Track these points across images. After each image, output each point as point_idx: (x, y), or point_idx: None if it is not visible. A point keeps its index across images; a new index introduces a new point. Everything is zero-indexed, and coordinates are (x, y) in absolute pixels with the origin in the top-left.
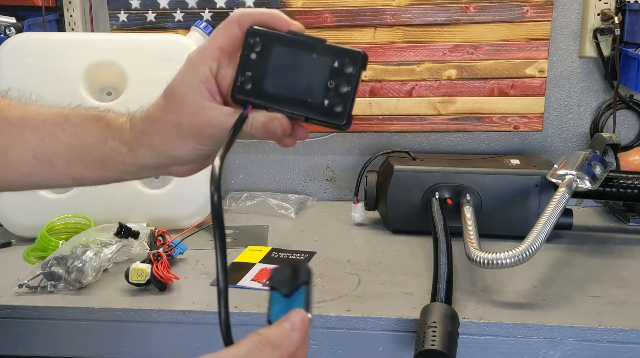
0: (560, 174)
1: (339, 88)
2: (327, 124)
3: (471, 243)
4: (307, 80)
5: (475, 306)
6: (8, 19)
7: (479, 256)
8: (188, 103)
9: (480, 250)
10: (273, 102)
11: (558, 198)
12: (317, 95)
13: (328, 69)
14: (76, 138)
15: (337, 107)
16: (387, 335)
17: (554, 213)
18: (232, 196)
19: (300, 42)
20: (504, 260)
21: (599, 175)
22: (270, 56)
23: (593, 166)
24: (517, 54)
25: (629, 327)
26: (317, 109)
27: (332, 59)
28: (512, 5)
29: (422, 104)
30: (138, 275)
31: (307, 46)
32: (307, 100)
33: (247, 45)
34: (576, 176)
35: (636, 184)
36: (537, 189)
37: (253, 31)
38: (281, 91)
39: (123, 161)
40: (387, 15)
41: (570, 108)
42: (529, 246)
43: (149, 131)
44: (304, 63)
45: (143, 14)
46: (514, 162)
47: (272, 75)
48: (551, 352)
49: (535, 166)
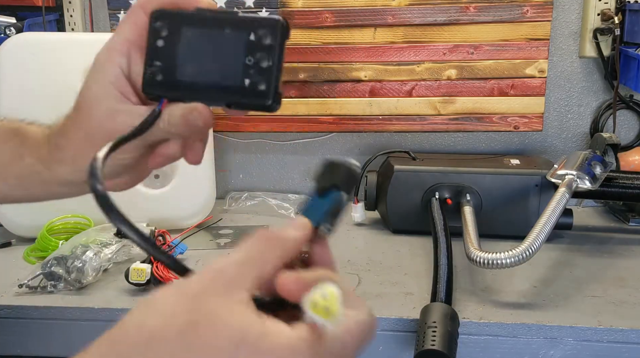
0: (560, 174)
1: (259, 64)
2: (253, 107)
3: (471, 243)
4: (223, 60)
5: (475, 307)
6: (8, 19)
7: (479, 256)
8: (97, 110)
9: (480, 250)
10: (189, 92)
11: (558, 198)
12: (236, 75)
13: (243, 43)
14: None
15: (260, 86)
16: (387, 335)
17: (554, 213)
18: (232, 196)
19: (209, 19)
20: (504, 260)
21: (599, 175)
22: (179, 40)
23: (593, 166)
24: (517, 54)
25: (629, 327)
26: (238, 91)
27: (247, 31)
28: (512, 5)
29: (422, 104)
30: (138, 275)
31: (218, 22)
32: (226, 83)
33: (152, 30)
34: (576, 176)
35: (636, 184)
36: (537, 189)
37: (157, 14)
38: (196, 77)
39: (41, 179)
40: (387, 15)
41: (570, 108)
42: (529, 246)
43: (62, 144)
44: (217, 42)
45: None
46: (514, 162)
47: (183, 61)
48: (551, 352)
49: (535, 166)
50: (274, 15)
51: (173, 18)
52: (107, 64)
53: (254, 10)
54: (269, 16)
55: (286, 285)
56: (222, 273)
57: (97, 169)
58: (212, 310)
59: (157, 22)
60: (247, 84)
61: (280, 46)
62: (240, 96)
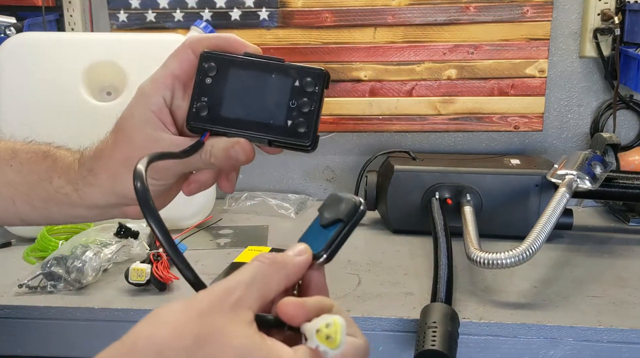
0: (561, 174)
1: (301, 108)
2: (292, 146)
3: (471, 243)
4: (268, 101)
5: (475, 306)
6: (8, 19)
7: (479, 256)
8: (138, 136)
9: (480, 250)
10: (233, 128)
11: (558, 198)
12: (279, 116)
13: (289, 88)
14: (21, 175)
15: (300, 128)
16: (387, 335)
17: (554, 213)
18: (232, 196)
19: (257, 63)
20: (504, 260)
21: (599, 175)
22: (226, 80)
23: (593, 166)
24: (517, 54)
25: (629, 327)
26: (280, 130)
27: (293, 78)
28: (512, 5)
29: (422, 104)
30: (138, 275)
31: (265, 67)
32: (269, 122)
33: (202, 70)
34: (576, 176)
35: (636, 184)
36: (537, 189)
37: (207, 55)
38: (241, 114)
39: (69, 202)
40: (387, 15)
41: (570, 108)
42: (529, 246)
43: (97, 169)
44: (263, 84)
45: (143, 14)
46: (514, 162)
47: (230, 99)
48: (551, 352)
49: (535, 166)
50: (318, 67)
51: (222, 60)
52: (151, 94)
53: (253, 10)
54: (314, 67)
55: (287, 308)
56: (229, 292)
57: (143, 171)
58: (220, 328)
59: (206, 63)
60: (289, 124)
61: (322, 94)
62: (282, 135)
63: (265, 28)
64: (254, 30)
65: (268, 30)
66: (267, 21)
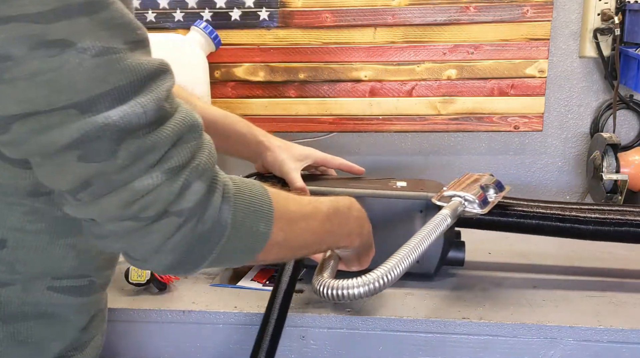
0: (447, 196)
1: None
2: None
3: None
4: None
5: (475, 307)
6: None
7: (323, 285)
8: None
9: (325, 278)
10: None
11: (437, 221)
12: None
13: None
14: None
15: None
16: (387, 335)
17: (426, 238)
18: None
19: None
20: (345, 290)
21: (493, 199)
22: None
23: (486, 189)
24: (517, 54)
25: (629, 327)
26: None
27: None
28: (512, 5)
29: (422, 104)
30: (138, 275)
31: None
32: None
33: None
34: (464, 198)
35: (535, 212)
36: (422, 215)
37: None
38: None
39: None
40: (387, 15)
41: (570, 108)
42: (381, 275)
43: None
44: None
45: (143, 14)
46: (399, 184)
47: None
48: (551, 352)
49: (422, 188)
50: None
51: None
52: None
53: (253, 10)
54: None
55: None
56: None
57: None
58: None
59: None
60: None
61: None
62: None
63: (265, 28)
64: (254, 30)
65: (268, 30)
66: (267, 21)
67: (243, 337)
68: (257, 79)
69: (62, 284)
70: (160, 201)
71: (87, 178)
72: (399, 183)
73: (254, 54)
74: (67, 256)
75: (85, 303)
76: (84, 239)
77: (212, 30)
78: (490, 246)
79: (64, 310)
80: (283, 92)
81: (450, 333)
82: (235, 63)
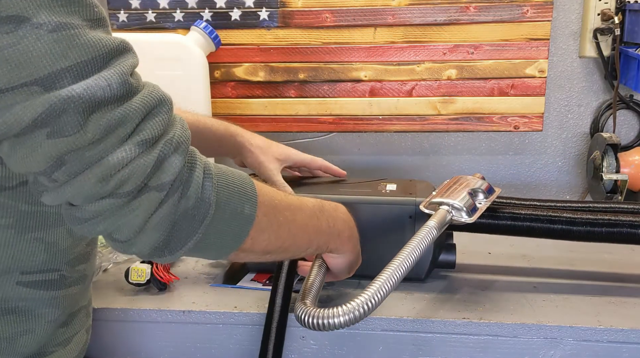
0: (435, 203)
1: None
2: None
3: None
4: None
5: (475, 306)
6: None
7: (306, 314)
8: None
9: (307, 305)
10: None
11: (422, 235)
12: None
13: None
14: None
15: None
16: (387, 335)
17: (411, 254)
18: None
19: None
20: (327, 320)
21: (481, 206)
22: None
23: (474, 194)
24: (517, 54)
25: (629, 327)
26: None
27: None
28: (512, 5)
29: (422, 104)
30: (138, 275)
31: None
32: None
33: None
34: (451, 207)
35: (525, 214)
36: (412, 221)
37: None
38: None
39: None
40: (387, 15)
41: (570, 108)
42: (369, 298)
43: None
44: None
45: (143, 14)
46: (389, 188)
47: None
48: (551, 352)
49: (412, 193)
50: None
51: None
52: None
53: (253, 10)
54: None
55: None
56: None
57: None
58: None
59: None
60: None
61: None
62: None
63: (265, 28)
64: (254, 30)
65: (268, 30)
66: (267, 21)
67: (243, 337)
68: (257, 79)
69: (31, 278)
70: (136, 174)
71: (59, 155)
72: (389, 186)
73: (254, 54)
74: (36, 250)
75: (57, 297)
76: (52, 232)
77: (212, 30)
78: (490, 247)
79: (34, 305)
80: (283, 92)
81: (450, 333)
82: (235, 63)
